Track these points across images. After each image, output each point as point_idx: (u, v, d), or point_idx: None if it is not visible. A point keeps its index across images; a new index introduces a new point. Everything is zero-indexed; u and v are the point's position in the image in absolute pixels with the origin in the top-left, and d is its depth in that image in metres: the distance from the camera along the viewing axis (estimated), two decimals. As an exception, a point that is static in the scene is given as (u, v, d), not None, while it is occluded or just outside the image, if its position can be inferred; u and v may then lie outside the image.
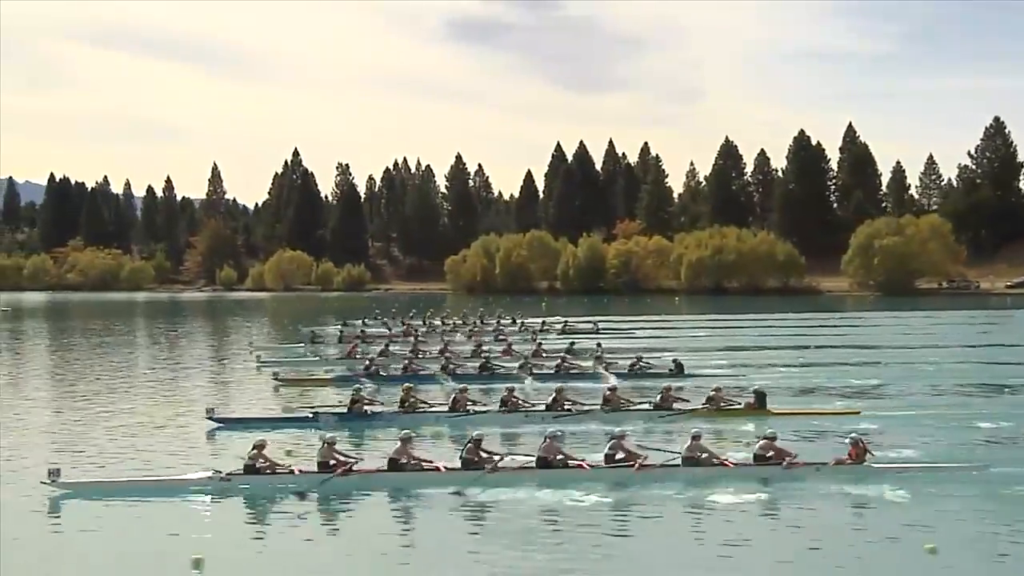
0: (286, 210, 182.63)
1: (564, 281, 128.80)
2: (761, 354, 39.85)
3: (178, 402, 26.79)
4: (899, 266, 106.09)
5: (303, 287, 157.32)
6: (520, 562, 12.22)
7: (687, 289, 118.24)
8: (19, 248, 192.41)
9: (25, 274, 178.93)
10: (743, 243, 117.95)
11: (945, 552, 12.41)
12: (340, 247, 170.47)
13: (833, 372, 32.81)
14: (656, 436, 20.39)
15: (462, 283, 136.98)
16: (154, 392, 29.37)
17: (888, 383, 29.84)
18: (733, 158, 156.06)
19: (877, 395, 27.33)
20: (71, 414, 24.87)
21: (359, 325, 51.96)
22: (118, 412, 24.82)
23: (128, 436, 21.15)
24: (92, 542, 13.47)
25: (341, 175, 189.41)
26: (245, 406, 25.88)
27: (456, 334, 47.85)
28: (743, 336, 51.61)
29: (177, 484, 15.75)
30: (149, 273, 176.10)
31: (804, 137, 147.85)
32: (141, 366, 39.00)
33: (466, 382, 25.97)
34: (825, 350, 42.13)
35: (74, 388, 30.98)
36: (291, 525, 14.13)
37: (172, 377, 33.95)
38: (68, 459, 18.06)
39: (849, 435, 17.08)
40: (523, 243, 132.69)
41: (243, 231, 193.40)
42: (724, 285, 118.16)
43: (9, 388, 31.38)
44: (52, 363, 40.77)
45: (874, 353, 40.83)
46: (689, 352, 38.61)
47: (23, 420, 23.88)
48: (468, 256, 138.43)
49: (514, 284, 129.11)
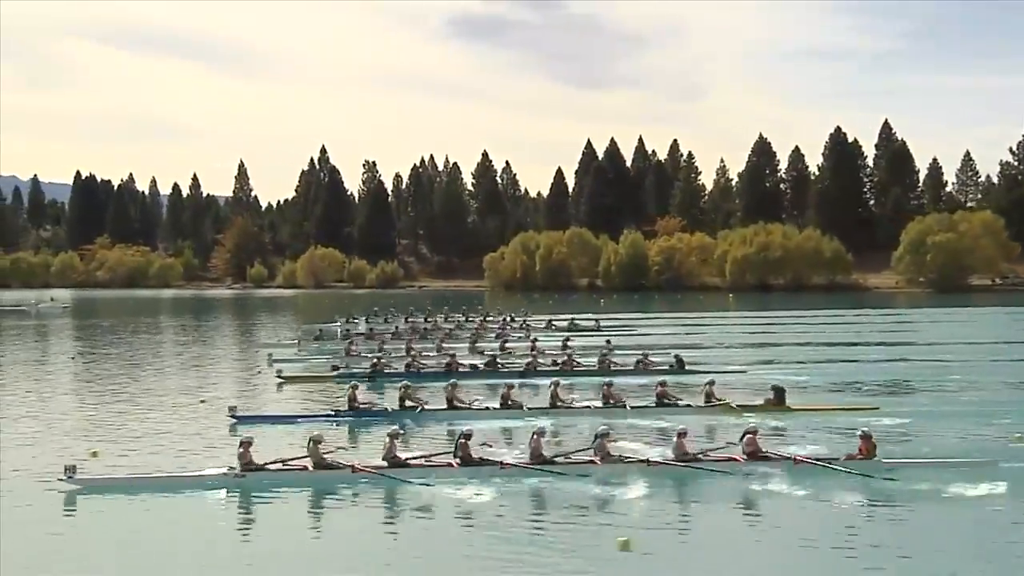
0: (313, 207, 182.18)
1: (605, 278, 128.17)
2: (842, 350, 39.93)
3: (201, 399, 26.80)
4: (951, 262, 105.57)
5: (334, 284, 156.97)
6: (519, 557, 12.21)
7: (730, 286, 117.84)
8: (46, 245, 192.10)
9: (52, 271, 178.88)
10: (789, 240, 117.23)
11: (945, 549, 12.45)
12: (368, 245, 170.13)
13: (888, 369, 33.05)
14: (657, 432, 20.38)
15: (500, 280, 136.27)
16: (177, 389, 29.37)
17: (922, 379, 29.92)
18: (767, 155, 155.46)
19: (903, 391, 27.59)
20: (95, 411, 25.02)
21: (360, 323, 52.10)
22: (143, 409, 25.12)
23: (152, 433, 21.32)
24: (106, 538, 13.56)
25: (368, 172, 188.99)
26: (266, 403, 26.17)
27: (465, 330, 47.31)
28: (823, 334, 50.77)
29: (191, 480, 15.87)
30: (178, 270, 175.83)
31: (840, 134, 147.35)
32: (168, 362, 38.99)
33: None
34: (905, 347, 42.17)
35: (99, 385, 31.08)
36: (300, 521, 14.34)
37: (196, 374, 33.90)
38: (90, 455, 18.40)
39: (859, 431, 16.88)
40: (563, 240, 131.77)
41: (268, 228, 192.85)
42: (769, 282, 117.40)
43: (36, 384, 31.58)
44: (82, 359, 40.57)
45: (932, 349, 40.50)
46: (760, 348, 38.78)
47: (53, 417, 24.05)
48: (506, 253, 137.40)
49: (553, 281, 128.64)
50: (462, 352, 34.56)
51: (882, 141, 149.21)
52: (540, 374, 29.12)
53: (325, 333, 44.36)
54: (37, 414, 24.67)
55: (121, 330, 59.90)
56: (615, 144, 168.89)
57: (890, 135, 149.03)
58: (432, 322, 53.04)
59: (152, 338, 54.35)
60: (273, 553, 12.80)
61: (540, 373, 29.28)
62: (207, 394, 27.65)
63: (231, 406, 22.83)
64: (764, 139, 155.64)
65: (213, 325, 68.11)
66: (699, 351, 38.86)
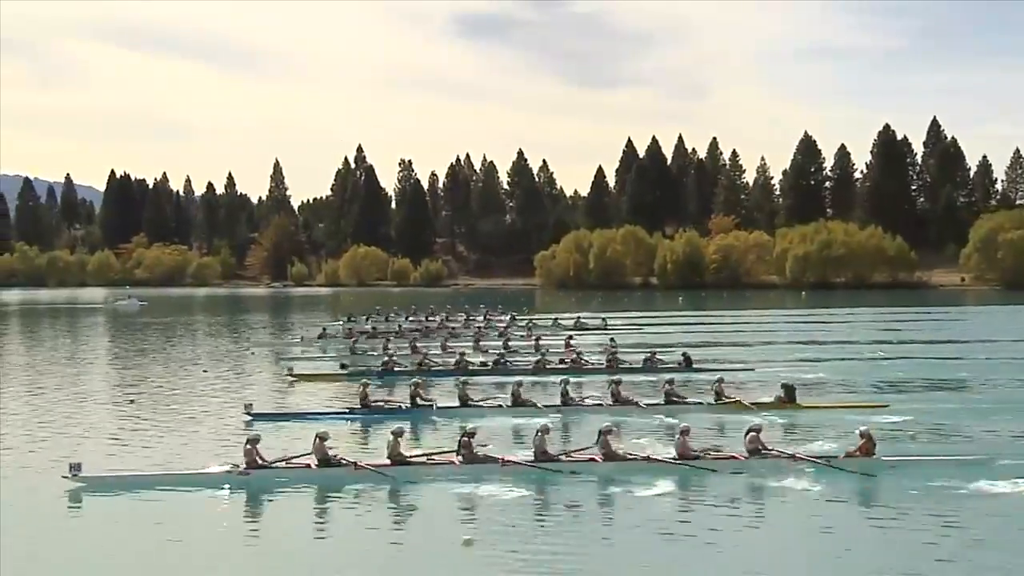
0: (350, 206, 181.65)
1: (660, 276, 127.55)
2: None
3: (217, 396, 27.05)
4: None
5: (376, 283, 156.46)
6: (521, 556, 12.14)
7: (790, 284, 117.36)
8: (81, 244, 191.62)
9: (89, 270, 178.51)
10: (851, 237, 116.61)
11: (946, 545, 12.46)
12: (405, 243, 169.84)
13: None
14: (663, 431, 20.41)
15: (552, 278, 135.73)
16: (196, 386, 29.51)
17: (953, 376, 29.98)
18: (811, 153, 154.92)
19: (924, 388, 27.58)
20: (119, 407, 25.24)
21: (362, 321, 52.25)
22: (161, 406, 25.31)
23: (169, 430, 21.46)
24: (109, 535, 13.59)
25: (404, 171, 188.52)
26: (280, 401, 26.20)
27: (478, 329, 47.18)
28: (941, 331, 50.23)
29: (196, 478, 15.87)
30: (215, 269, 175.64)
31: (889, 132, 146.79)
32: (199, 358, 39.00)
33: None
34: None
35: (130, 380, 31.65)
36: (304, 519, 14.32)
37: (217, 372, 33.93)
38: (105, 452, 18.70)
39: (859, 429, 16.89)
40: (617, 238, 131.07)
41: (304, 228, 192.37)
42: (830, 280, 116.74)
43: (60, 381, 31.80)
44: (115, 357, 41.52)
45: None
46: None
47: (68, 413, 24.22)
48: (557, 251, 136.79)
49: (607, 279, 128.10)
50: (467, 351, 34.50)
51: (930, 139, 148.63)
52: (550, 372, 29.22)
53: (328, 332, 44.58)
54: (50, 409, 24.92)
55: (191, 326, 61.03)
56: (657, 143, 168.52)
57: (938, 132, 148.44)
58: (434, 321, 53.38)
59: (216, 333, 55.30)
60: (274, 550, 12.82)
61: (550, 371, 29.38)
62: (223, 391, 28.01)
63: (247, 403, 22.87)
64: (809, 137, 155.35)
65: (281, 322, 68.16)
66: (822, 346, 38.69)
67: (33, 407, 25.42)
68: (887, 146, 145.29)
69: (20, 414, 24.09)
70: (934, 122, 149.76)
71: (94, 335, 56.07)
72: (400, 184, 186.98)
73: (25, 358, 41.00)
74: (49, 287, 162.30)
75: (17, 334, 58.45)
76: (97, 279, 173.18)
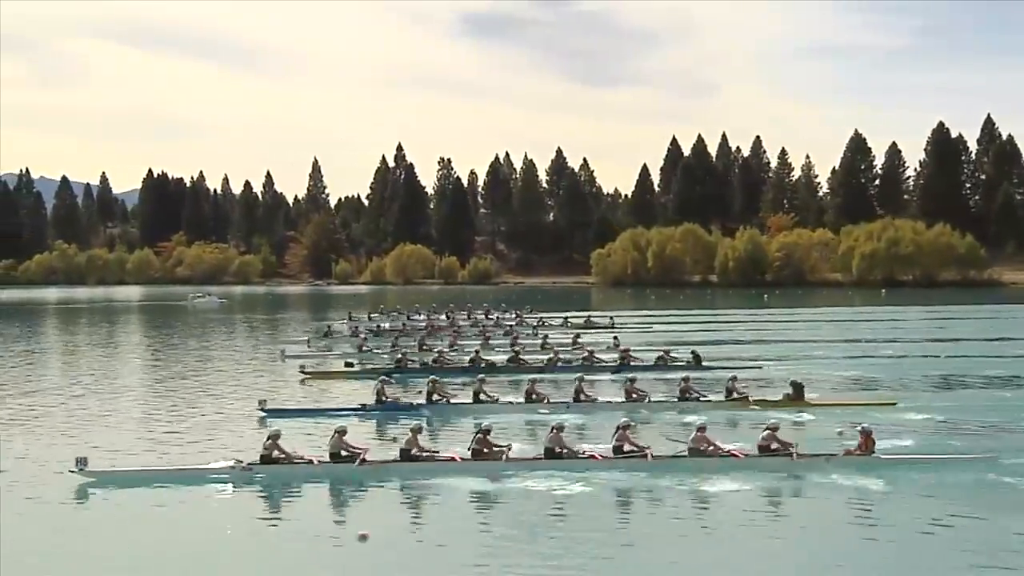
0: (390, 205, 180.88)
1: (722, 274, 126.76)
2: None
3: (232, 393, 27.29)
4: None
5: (421, 281, 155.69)
6: (528, 551, 12.12)
7: (856, 282, 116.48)
8: (120, 243, 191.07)
9: (129, 268, 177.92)
10: (919, 235, 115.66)
11: (943, 543, 12.44)
12: (447, 242, 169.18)
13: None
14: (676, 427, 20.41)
15: (609, 276, 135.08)
16: (212, 383, 29.81)
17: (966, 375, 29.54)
18: (862, 152, 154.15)
19: (937, 386, 27.38)
20: (141, 402, 25.72)
21: (365, 320, 52.64)
22: (179, 402, 25.60)
23: (184, 426, 21.64)
24: (114, 530, 13.64)
25: (443, 170, 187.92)
26: (298, 397, 26.23)
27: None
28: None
29: (199, 473, 16.01)
30: (257, 267, 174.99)
31: (943, 130, 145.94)
32: (228, 356, 39.52)
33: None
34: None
35: (158, 376, 32.24)
36: (307, 514, 14.32)
37: (234, 369, 34.15)
38: (118, 447, 18.93)
39: (859, 426, 16.92)
40: (676, 235, 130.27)
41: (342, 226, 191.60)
42: (897, 278, 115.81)
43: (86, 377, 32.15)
44: (151, 354, 41.52)
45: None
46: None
47: (81, 408, 24.47)
48: (614, 249, 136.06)
49: (667, 277, 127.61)
50: (479, 349, 34.48)
51: (984, 136, 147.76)
52: (562, 370, 29.24)
53: (334, 331, 44.81)
54: (64, 404, 25.27)
55: (273, 322, 61.36)
56: (703, 141, 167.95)
57: (992, 130, 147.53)
58: (439, 319, 53.52)
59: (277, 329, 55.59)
60: (275, 545, 12.86)
61: (562, 369, 29.50)
62: (235, 386, 28.48)
63: (261, 399, 23.00)
64: (859, 135, 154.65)
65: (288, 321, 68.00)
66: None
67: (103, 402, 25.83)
68: (941, 144, 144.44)
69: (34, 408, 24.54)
70: (988, 120, 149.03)
71: (177, 332, 55.98)
72: (439, 183, 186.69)
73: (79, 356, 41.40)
74: (88, 285, 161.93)
75: (119, 331, 58.49)
76: (137, 277, 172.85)
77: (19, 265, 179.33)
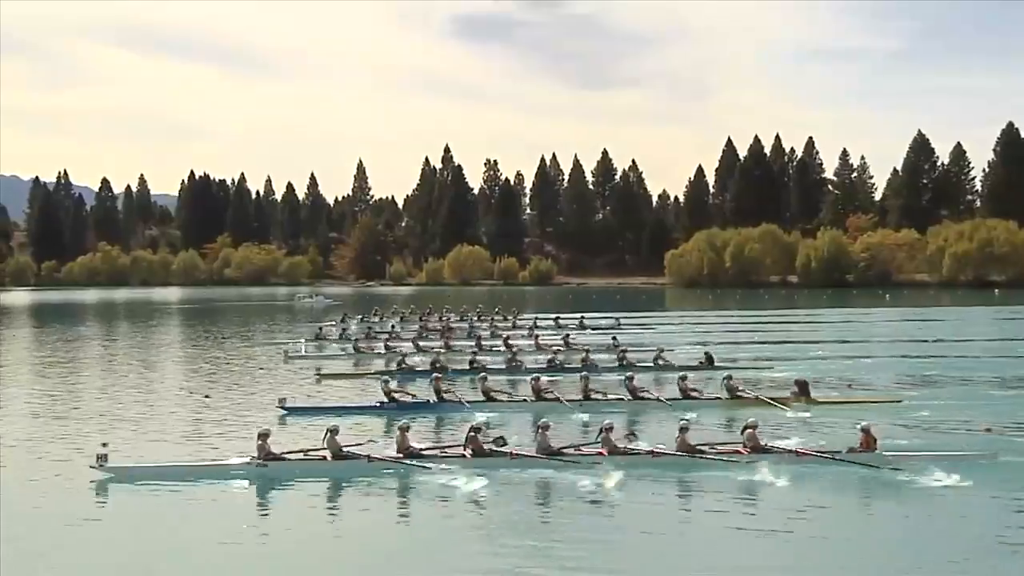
0: (438, 206, 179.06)
1: (803, 275, 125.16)
2: None
3: (252, 391, 27.84)
4: None
5: (480, 281, 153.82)
6: (525, 549, 12.18)
7: (944, 282, 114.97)
8: (163, 242, 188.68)
9: (173, 270, 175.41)
10: (1013, 236, 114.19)
11: (942, 541, 12.39)
12: (497, 243, 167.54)
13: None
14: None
15: (683, 277, 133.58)
16: (233, 381, 30.38)
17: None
18: (925, 151, 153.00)
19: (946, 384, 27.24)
20: (164, 399, 26.29)
21: (353, 323, 51.80)
22: (199, 398, 26.08)
23: (206, 422, 22.04)
24: (133, 525, 13.79)
25: (489, 171, 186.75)
26: (315, 396, 26.51)
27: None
28: None
29: (216, 469, 16.34)
30: (305, 268, 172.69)
31: (1013, 130, 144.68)
32: (254, 354, 39.99)
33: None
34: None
35: (190, 373, 33.09)
36: (317, 508, 14.69)
37: (253, 368, 34.52)
38: (140, 442, 19.41)
39: (860, 425, 16.85)
40: (755, 236, 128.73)
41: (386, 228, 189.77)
42: (989, 279, 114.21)
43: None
44: (184, 353, 42.34)
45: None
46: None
47: (137, 408, 24.71)
48: (688, 250, 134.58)
49: (743, 278, 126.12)
50: (475, 350, 34.47)
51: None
52: (565, 369, 29.31)
53: (323, 334, 44.79)
54: (88, 401, 25.80)
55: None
56: (759, 142, 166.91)
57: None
58: (432, 321, 53.18)
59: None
60: (286, 539, 13.01)
61: (564, 369, 29.61)
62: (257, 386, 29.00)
63: (280, 397, 23.46)
64: (922, 135, 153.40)
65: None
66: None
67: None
68: (1011, 146, 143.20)
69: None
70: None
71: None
72: (487, 184, 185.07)
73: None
74: (131, 286, 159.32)
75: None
76: (182, 279, 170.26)
77: (61, 266, 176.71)
